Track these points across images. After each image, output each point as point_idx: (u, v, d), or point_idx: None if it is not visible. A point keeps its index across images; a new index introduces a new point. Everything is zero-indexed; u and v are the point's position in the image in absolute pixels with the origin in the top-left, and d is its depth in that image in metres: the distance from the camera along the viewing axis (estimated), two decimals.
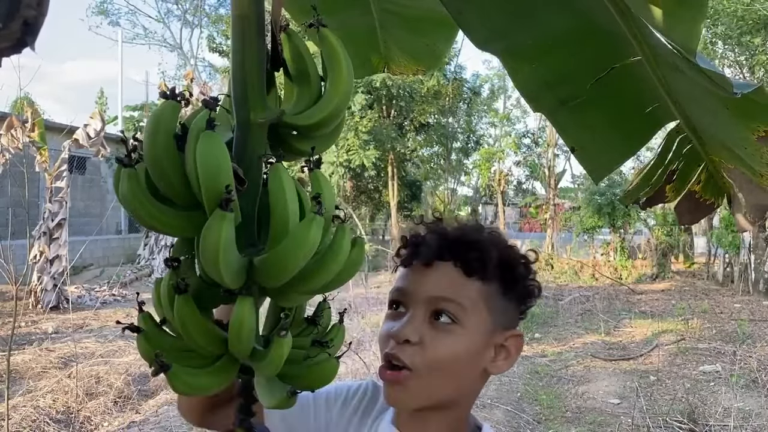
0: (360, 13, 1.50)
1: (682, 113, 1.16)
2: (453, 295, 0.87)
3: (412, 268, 0.91)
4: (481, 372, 0.90)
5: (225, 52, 21.39)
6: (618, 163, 1.38)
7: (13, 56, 0.54)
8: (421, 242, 0.91)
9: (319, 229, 0.69)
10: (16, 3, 0.51)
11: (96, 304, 10.24)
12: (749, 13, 12.35)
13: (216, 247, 0.64)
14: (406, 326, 0.86)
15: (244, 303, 0.69)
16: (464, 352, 0.86)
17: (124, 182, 0.69)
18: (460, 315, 0.86)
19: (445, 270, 0.88)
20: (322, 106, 0.79)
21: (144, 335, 0.74)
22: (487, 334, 0.88)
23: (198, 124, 0.70)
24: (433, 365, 0.85)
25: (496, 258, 0.89)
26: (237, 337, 0.69)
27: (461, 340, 0.86)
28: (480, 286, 0.88)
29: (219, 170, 0.66)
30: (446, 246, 0.89)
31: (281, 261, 0.69)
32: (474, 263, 0.88)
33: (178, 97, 0.70)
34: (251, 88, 0.75)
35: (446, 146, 22.13)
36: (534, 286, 0.94)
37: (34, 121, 9.18)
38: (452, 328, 0.86)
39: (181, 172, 0.70)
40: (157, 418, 5.08)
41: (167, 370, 0.68)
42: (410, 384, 0.84)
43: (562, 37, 1.19)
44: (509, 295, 0.91)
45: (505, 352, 0.91)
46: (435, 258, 0.89)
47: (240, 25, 0.74)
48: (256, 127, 0.75)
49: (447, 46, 1.60)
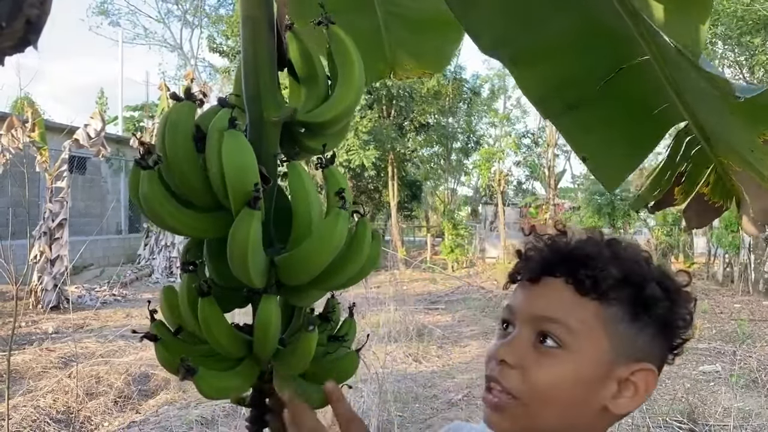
0: (365, 15, 1.49)
1: (691, 113, 1.15)
2: (560, 315, 0.77)
3: (520, 284, 0.83)
4: (600, 408, 0.77)
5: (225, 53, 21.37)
6: (630, 169, 1.33)
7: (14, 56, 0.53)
8: (530, 256, 0.83)
9: (346, 224, 0.69)
10: (20, 2, 0.50)
11: (96, 304, 10.23)
12: (749, 14, 12.35)
13: (245, 245, 0.64)
14: (506, 346, 0.78)
15: (270, 301, 0.68)
16: (571, 381, 0.76)
17: (145, 184, 0.68)
18: (568, 339, 0.76)
19: (554, 287, 0.79)
20: (336, 103, 0.78)
21: (162, 343, 0.73)
22: (605, 364, 0.76)
23: (217, 124, 0.69)
24: (535, 393, 0.76)
25: (615, 275, 0.77)
26: (264, 336, 0.69)
27: (568, 367, 0.76)
28: (597, 306, 0.77)
29: (246, 169, 0.66)
30: (556, 260, 0.80)
31: (308, 258, 0.68)
32: (586, 280, 0.77)
33: (193, 98, 0.70)
34: (264, 87, 0.75)
35: (446, 146, 22.13)
36: (681, 315, 0.80)
37: (34, 121, 9.18)
38: (558, 353, 0.76)
39: (202, 173, 0.70)
40: (157, 418, 5.07)
41: (194, 374, 0.67)
42: (510, 411, 0.76)
43: (568, 41, 1.18)
44: (640, 323, 0.77)
45: (632, 388, 0.77)
46: (543, 273, 0.80)
47: (251, 25, 0.74)
48: (269, 125, 0.75)
49: (453, 48, 1.58)
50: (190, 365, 0.67)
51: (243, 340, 0.72)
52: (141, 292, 11.18)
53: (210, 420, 4.92)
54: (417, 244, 23.02)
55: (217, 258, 0.74)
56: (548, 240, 0.83)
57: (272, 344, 0.70)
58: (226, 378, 0.73)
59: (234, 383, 0.73)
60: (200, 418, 4.90)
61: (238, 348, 0.72)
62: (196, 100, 0.70)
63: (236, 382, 0.73)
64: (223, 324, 0.71)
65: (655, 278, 0.79)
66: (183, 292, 0.73)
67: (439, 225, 20.99)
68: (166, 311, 0.77)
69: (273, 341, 0.70)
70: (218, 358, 0.73)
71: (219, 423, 4.85)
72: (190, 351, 0.74)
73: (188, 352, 0.73)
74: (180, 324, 0.75)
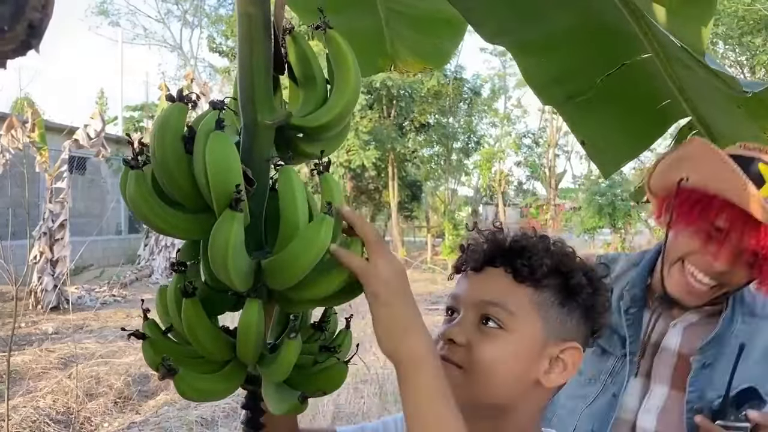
0: (367, 11, 1.51)
1: (694, 110, 1.15)
2: (500, 299, 0.87)
3: (465, 274, 0.93)
4: (534, 382, 0.88)
5: (225, 53, 21.41)
6: (627, 158, 1.38)
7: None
8: (473, 249, 0.92)
9: (329, 229, 0.68)
10: (22, 5, 0.51)
11: (96, 304, 10.23)
12: (750, 14, 12.36)
13: (225, 247, 0.64)
14: (453, 327, 0.87)
15: (252, 305, 0.68)
16: (511, 357, 0.86)
17: (132, 184, 0.68)
18: (507, 320, 0.86)
19: (496, 276, 0.89)
20: (331, 108, 0.78)
21: (149, 342, 0.73)
22: (539, 342, 0.87)
23: (206, 125, 0.69)
24: (479, 366, 0.85)
25: (548, 265, 0.87)
26: (245, 339, 0.69)
27: (508, 345, 0.85)
28: (532, 293, 0.87)
29: (229, 170, 0.66)
30: (497, 252, 0.90)
31: (290, 261, 0.68)
32: (523, 269, 0.87)
33: (184, 99, 0.70)
34: (258, 90, 0.74)
35: (447, 146, 22.14)
36: (601, 301, 0.91)
37: (34, 122, 9.18)
38: (499, 332, 0.86)
39: (190, 174, 0.70)
40: (157, 419, 5.07)
41: (174, 373, 0.67)
42: (459, 380, 0.84)
43: (570, 34, 1.19)
44: (568, 307, 0.89)
45: (561, 365, 0.88)
46: (485, 264, 0.90)
47: (246, 23, 0.74)
48: (263, 128, 0.74)
49: (453, 45, 1.61)
50: (171, 365, 0.67)
51: (228, 343, 0.72)
52: (141, 293, 11.18)
53: (210, 421, 4.92)
54: (417, 245, 23.03)
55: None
56: (489, 235, 0.93)
57: (254, 348, 0.69)
58: (209, 380, 0.72)
59: (217, 386, 0.72)
60: (200, 419, 4.90)
61: (223, 351, 0.72)
62: (188, 102, 0.70)
63: (219, 385, 0.73)
64: (206, 325, 0.71)
65: (581, 269, 0.90)
66: (171, 293, 0.73)
67: (440, 225, 21.01)
68: (159, 310, 0.77)
69: (254, 345, 0.69)
70: (204, 360, 0.73)
71: (219, 424, 4.85)
72: (177, 351, 0.73)
73: (175, 352, 0.73)
74: (171, 323, 0.75)
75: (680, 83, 1.11)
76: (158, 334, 0.75)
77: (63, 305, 9.72)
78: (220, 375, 0.73)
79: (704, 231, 1.20)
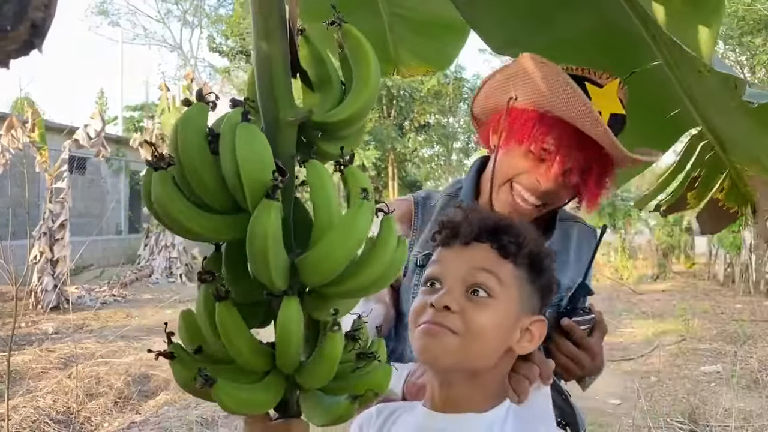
0: (370, 15, 1.50)
1: (705, 118, 1.15)
2: (492, 268, 0.92)
3: (451, 247, 0.97)
4: (507, 349, 0.95)
5: (225, 53, 21.39)
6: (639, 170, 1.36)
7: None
8: (461, 224, 0.97)
9: (368, 215, 0.66)
10: (25, 5, 0.50)
11: (96, 304, 10.22)
12: (750, 14, 12.35)
13: (265, 237, 0.61)
14: (444, 296, 0.91)
15: (291, 303, 0.65)
16: (498, 325, 0.92)
17: (157, 185, 0.65)
18: (497, 289, 0.92)
19: (483, 250, 0.94)
20: (353, 101, 0.76)
21: (179, 360, 0.70)
22: (515, 314, 0.94)
23: (229, 122, 0.67)
24: (471, 331, 0.89)
25: (528, 245, 0.95)
26: (286, 341, 0.65)
27: (498, 313, 0.91)
28: (512, 268, 0.94)
29: (262, 158, 0.64)
30: (485, 228, 0.95)
31: (331, 252, 0.65)
32: (510, 246, 0.93)
33: (204, 99, 0.68)
34: (278, 87, 0.72)
35: (447, 146, 22.12)
36: (554, 282, 1.01)
37: (34, 122, 9.17)
38: (489, 301, 0.91)
39: (216, 174, 0.67)
40: (157, 419, 5.07)
41: (212, 384, 0.63)
42: (454, 345, 0.89)
43: (579, 43, 1.19)
44: (536, 284, 0.96)
45: (529, 335, 0.96)
46: (473, 239, 0.95)
47: (263, 23, 0.72)
48: (285, 125, 0.72)
49: (456, 48, 1.61)
50: (208, 375, 0.63)
51: (266, 352, 0.68)
52: (141, 293, 11.18)
53: (210, 421, 4.91)
54: None
55: (235, 267, 0.71)
56: (472, 213, 0.99)
57: (295, 352, 0.66)
58: (249, 390, 0.68)
59: (258, 396, 0.68)
60: (200, 419, 4.89)
61: (262, 360, 0.68)
62: (209, 102, 0.68)
63: (260, 395, 0.69)
64: (244, 330, 0.67)
65: (548, 253, 0.99)
66: (200, 303, 0.69)
67: None
68: (183, 334, 0.73)
69: (296, 347, 0.66)
70: (241, 372, 0.69)
71: (219, 424, 4.84)
72: (210, 367, 0.68)
73: (209, 366, 0.68)
74: (200, 344, 0.71)
75: (690, 91, 1.10)
76: (186, 354, 0.71)
77: (63, 305, 9.70)
78: (260, 385, 0.69)
79: (534, 152, 1.22)
